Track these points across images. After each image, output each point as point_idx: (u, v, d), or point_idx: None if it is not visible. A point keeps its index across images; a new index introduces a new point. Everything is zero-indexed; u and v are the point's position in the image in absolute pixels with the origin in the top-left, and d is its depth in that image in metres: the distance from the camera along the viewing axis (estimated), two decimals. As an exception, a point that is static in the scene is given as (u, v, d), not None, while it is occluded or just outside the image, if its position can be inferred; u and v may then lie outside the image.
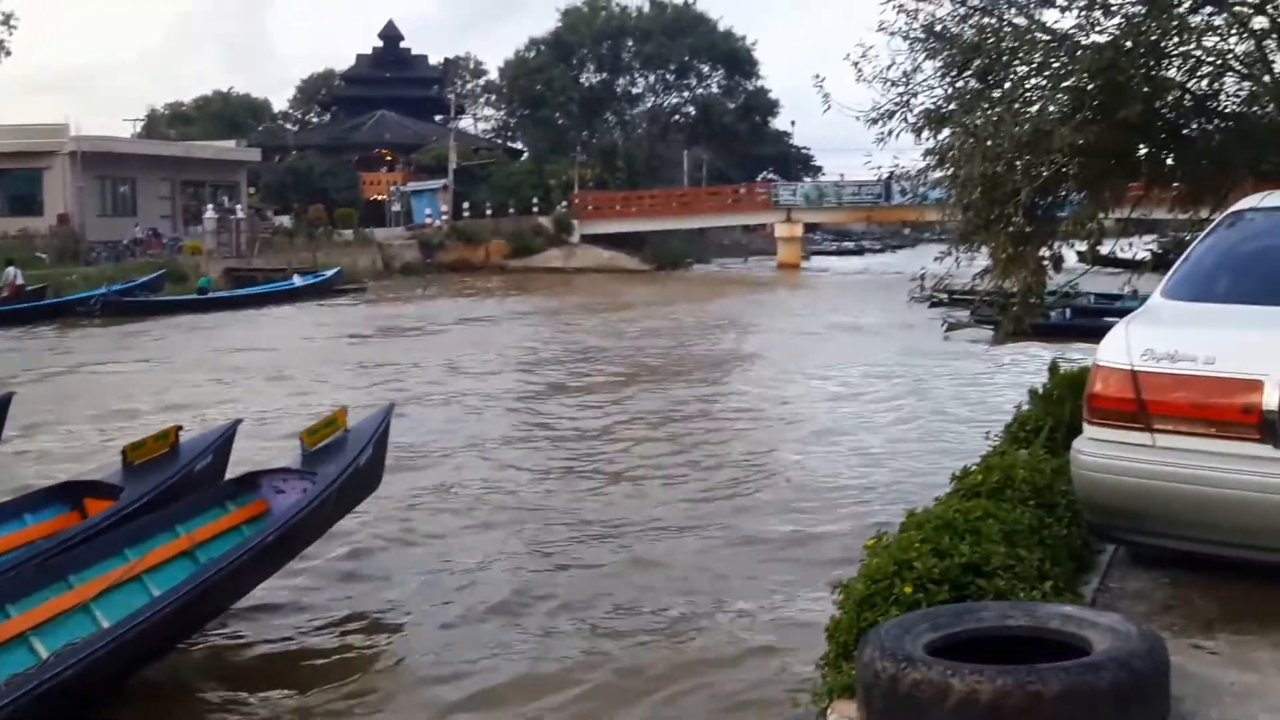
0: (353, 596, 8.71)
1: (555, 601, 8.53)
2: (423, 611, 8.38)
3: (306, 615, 8.27)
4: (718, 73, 76.84)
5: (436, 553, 9.75)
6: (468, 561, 9.46)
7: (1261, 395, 3.94)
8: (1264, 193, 6.47)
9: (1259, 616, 4.26)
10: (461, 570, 9.24)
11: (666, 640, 7.88)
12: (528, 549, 9.90)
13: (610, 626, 8.13)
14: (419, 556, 9.65)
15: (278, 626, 8.03)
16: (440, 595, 8.70)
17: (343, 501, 8.36)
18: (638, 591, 8.75)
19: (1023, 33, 8.95)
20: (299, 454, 8.54)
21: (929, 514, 4.60)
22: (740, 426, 15.98)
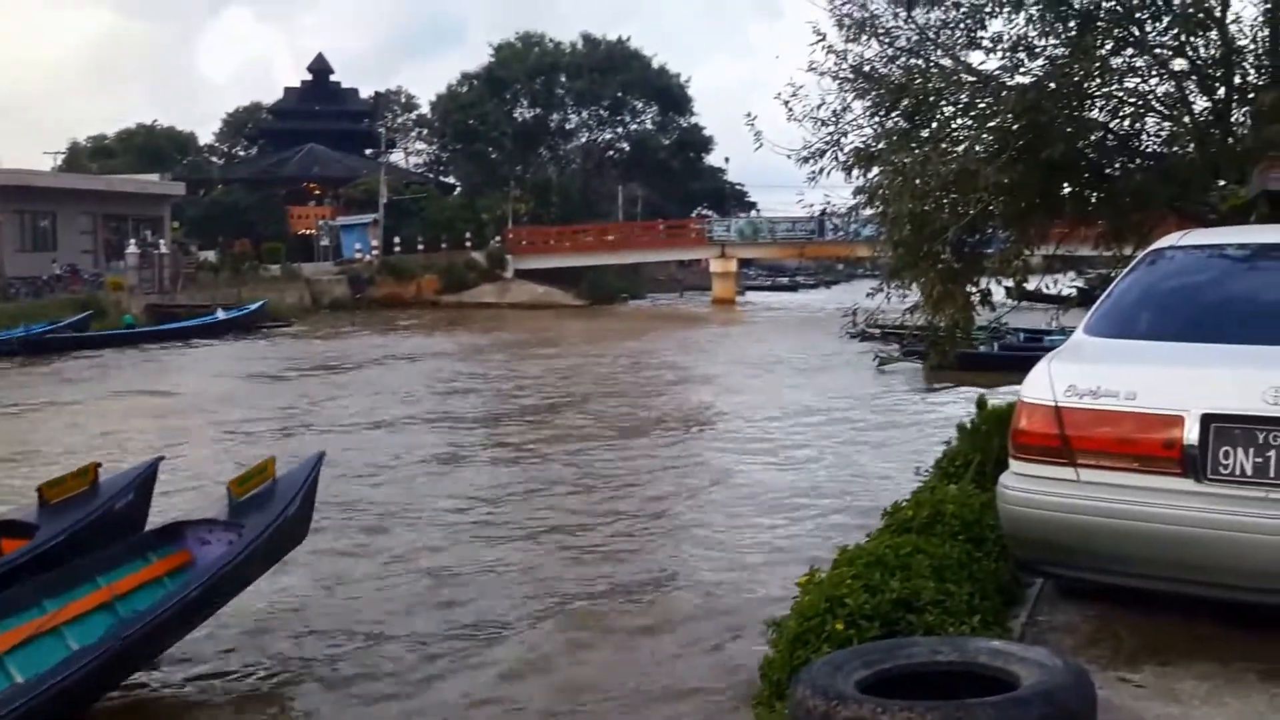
0: (266, 647, 8.53)
1: (470, 661, 8.40)
2: (331, 665, 8.27)
3: (220, 665, 8.09)
4: (651, 109, 77.48)
5: (350, 604, 9.59)
6: (383, 615, 9.30)
7: (1182, 430, 4.01)
8: (1184, 231, 6.64)
9: (1184, 648, 4.33)
10: (374, 623, 9.10)
11: (599, 675, 7.83)
12: (442, 600, 9.75)
13: (525, 683, 8.02)
14: (334, 607, 9.50)
15: (190, 677, 7.86)
16: (351, 648, 8.56)
17: (270, 553, 8.16)
18: (555, 645, 8.63)
19: (949, 74, 9.13)
20: (225, 503, 8.29)
21: (860, 550, 4.63)
22: (673, 464, 15.92)
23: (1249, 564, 3.91)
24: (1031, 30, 8.90)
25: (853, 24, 9.43)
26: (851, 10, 9.50)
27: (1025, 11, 8.73)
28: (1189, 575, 4.09)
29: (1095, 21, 8.67)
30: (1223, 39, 8.53)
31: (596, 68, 73.97)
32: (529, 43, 75.69)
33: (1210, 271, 5.20)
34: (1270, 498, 3.87)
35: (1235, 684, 4.04)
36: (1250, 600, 4.10)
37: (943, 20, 9.26)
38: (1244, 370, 4.14)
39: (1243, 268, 5.21)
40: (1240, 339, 4.45)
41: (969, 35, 9.26)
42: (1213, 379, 4.18)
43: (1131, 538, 4.09)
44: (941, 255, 9.28)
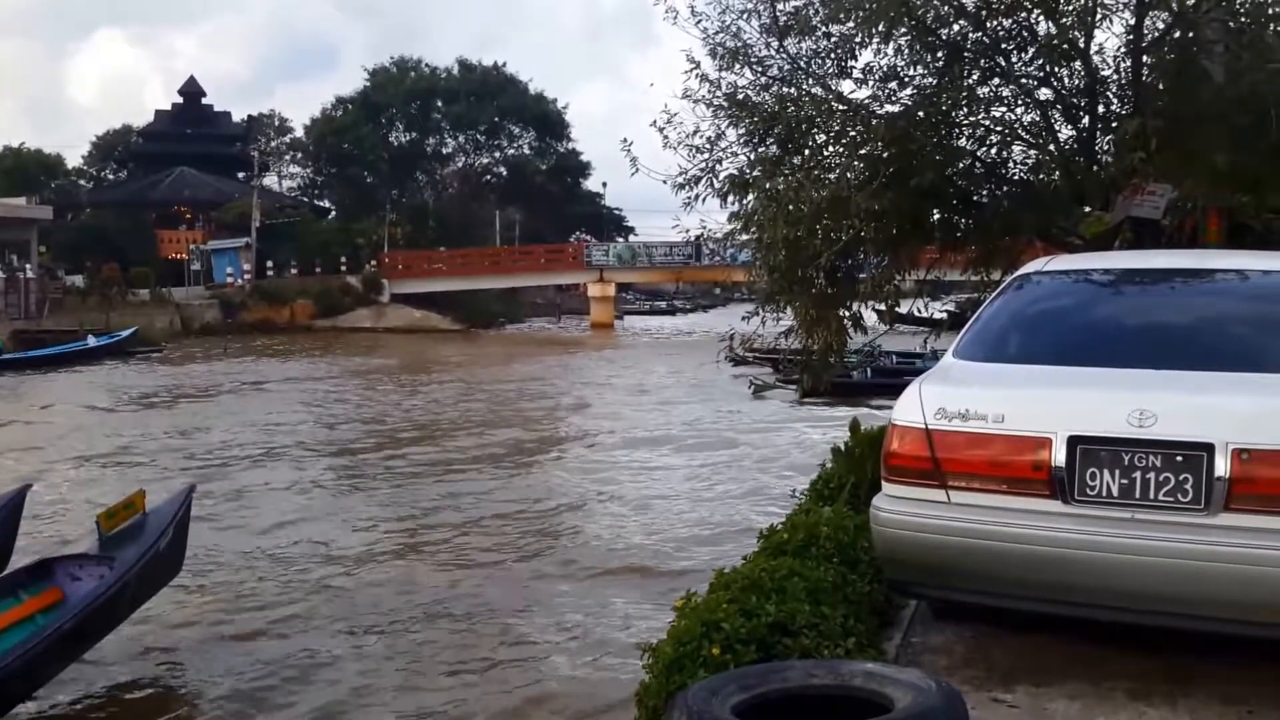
0: (137, 680, 8.22)
1: (330, 686, 8.21)
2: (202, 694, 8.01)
3: (87, 702, 7.77)
4: (529, 134, 77.52)
5: (219, 633, 9.29)
6: (256, 647, 9.01)
7: (1050, 452, 4.07)
8: (1049, 257, 6.82)
9: (1055, 668, 4.40)
10: (246, 653, 8.82)
11: (474, 707, 7.67)
12: (313, 627, 9.47)
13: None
14: (198, 637, 9.18)
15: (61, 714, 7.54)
16: (223, 679, 8.29)
17: (143, 587, 8.02)
18: (432, 678, 8.41)
19: (820, 102, 9.24)
20: (95, 538, 8.11)
21: (736, 573, 4.60)
22: (545, 492, 15.62)
23: (1116, 584, 3.98)
24: (900, 60, 9.09)
25: (726, 53, 9.50)
26: (725, 39, 9.58)
27: (894, 42, 8.89)
28: (1059, 595, 4.15)
29: (962, 52, 8.89)
30: (1086, 69, 8.80)
31: (473, 93, 73.77)
32: (404, 67, 75.12)
33: (1075, 296, 5.33)
34: (1136, 518, 3.95)
35: (1105, 702, 4.11)
36: (1119, 619, 4.18)
37: (814, 50, 9.39)
38: (1109, 393, 4.23)
39: (1107, 292, 5.35)
40: (1105, 362, 4.55)
41: (840, 65, 9.41)
42: (1079, 402, 4.26)
43: (1002, 559, 4.13)
44: (815, 280, 9.40)
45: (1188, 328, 4.87)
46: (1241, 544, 3.78)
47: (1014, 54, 9.05)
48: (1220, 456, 3.84)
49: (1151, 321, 5.00)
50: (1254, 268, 5.37)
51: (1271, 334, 4.67)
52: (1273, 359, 4.44)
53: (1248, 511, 3.81)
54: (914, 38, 8.86)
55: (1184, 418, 3.97)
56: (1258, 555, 3.75)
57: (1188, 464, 3.90)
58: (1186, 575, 3.85)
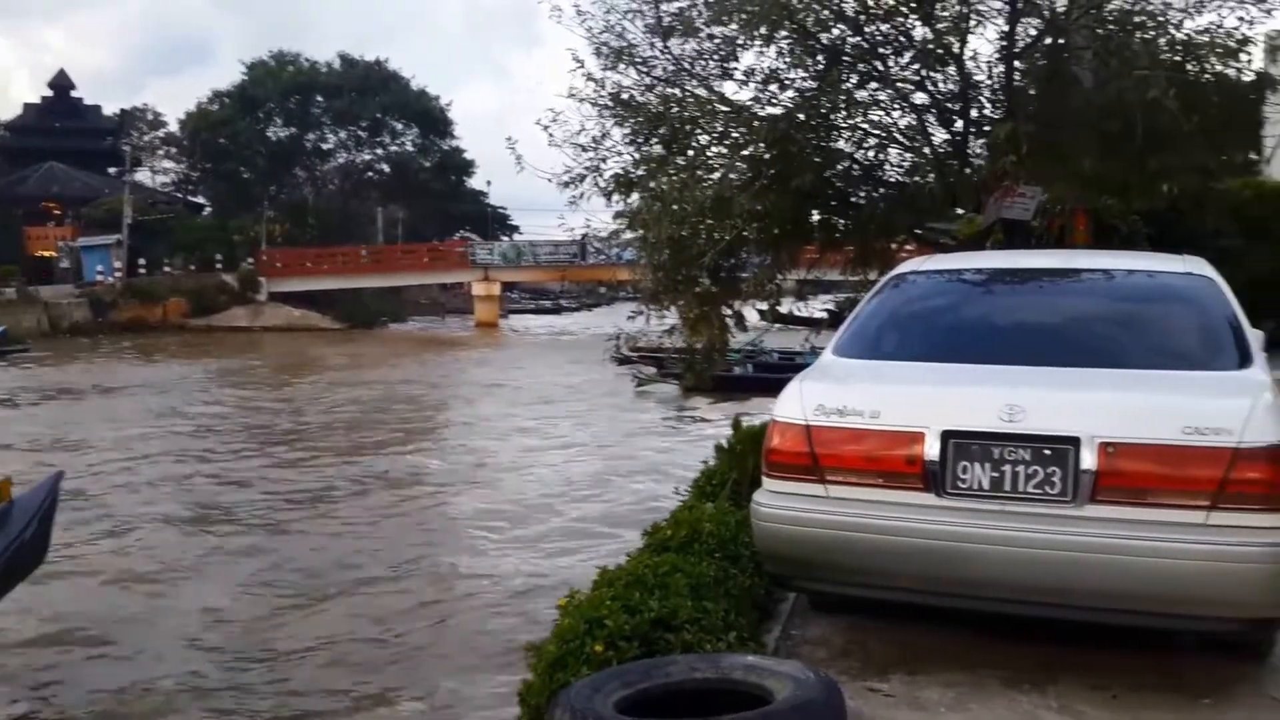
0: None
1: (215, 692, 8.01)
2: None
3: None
4: (412, 131, 76.47)
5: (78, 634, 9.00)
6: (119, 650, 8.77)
7: (923, 447, 4.16)
8: (924, 257, 6.97)
9: (930, 657, 4.50)
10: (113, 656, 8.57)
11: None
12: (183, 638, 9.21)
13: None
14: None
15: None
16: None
17: (7, 576, 7.81)
18: (296, 687, 8.25)
19: (704, 103, 9.31)
20: None
21: (620, 571, 4.59)
22: (429, 495, 15.45)
23: (987, 574, 4.08)
24: (781, 63, 9.18)
25: (610, 52, 9.51)
26: (609, 39, 9.59)
27: (776, 45, 8.99)
28: (933, 586, 4.24)
29: (841, 56, 9.03)
30: (961, 74, 9.03)
31: (355, 88, 72.55)
32: (283, 62, 73.43)
33: (948, 295, 5.46)
34: (1006, 510, 4.06)
35: (979, 690, 4.22)
36: (990, 609, 4.29)
37: (697, 51, 9.45)
38: (980, 389, 4.34)
39: (978, 291, 5.49)
40: (977, 359, 4.67)
41: (723, 67, 9.49)
42: (951, 397, 4.37)
43: (878, 551, 4.20)
44: (699, 279, 9.46)
45: (1055, 326, 5.02)
46: (1106, 535, 3.90)
47: (891, 58, 9.23)
48: (1086, 450, 3.96)
49: (1021, 320, 5.15)
50: (1118, 268, 5.58)
51: (1134, 331, 4.86)
52: (1135, 355, 4.62)
53: (1112, 503, 3.94)
54: (795, 41, 8.97)
55: (1051, 412, 4.08)
56: (1122, 545, 3.88)
57: (1055, 457, 4.01)
58: (1054, 566, 3.96)
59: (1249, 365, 4.43)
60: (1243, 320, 4.73)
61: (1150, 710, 4.04)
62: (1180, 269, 5.28)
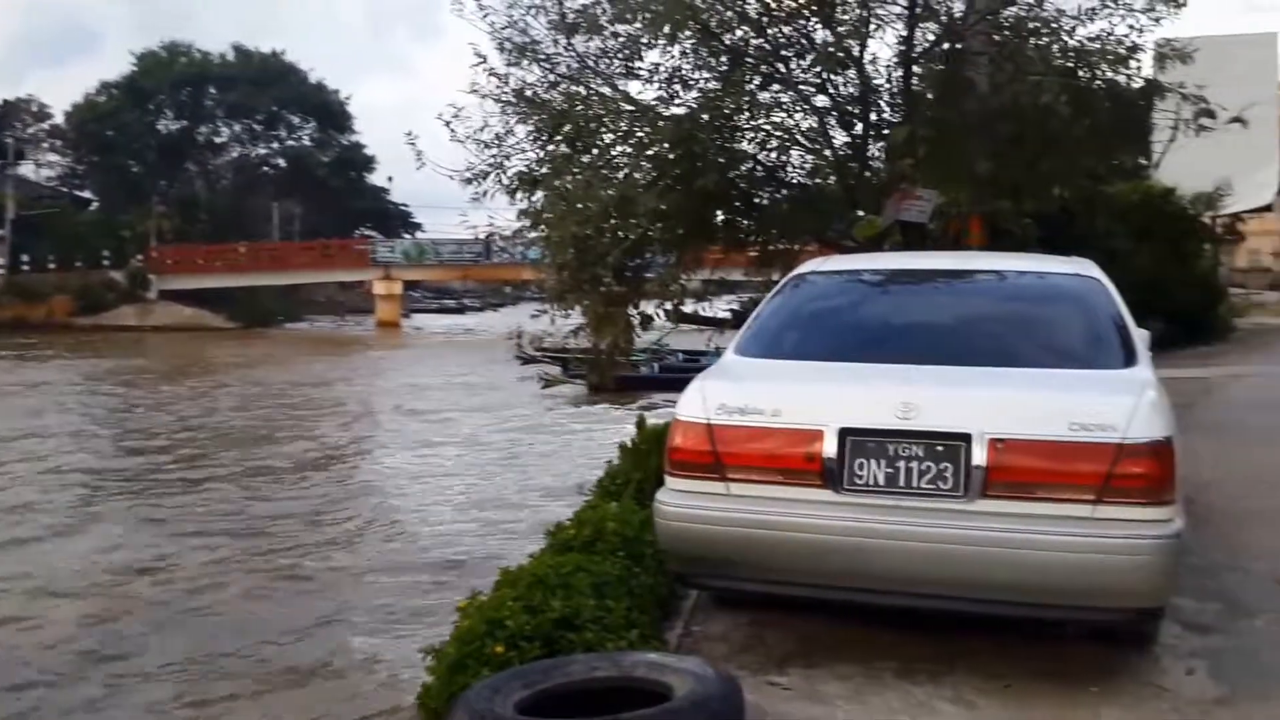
0: None
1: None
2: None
3: None
4: (309, 125, 75.13)
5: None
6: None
7: (822, 444, 4.22)
8: (824, 258, 7.08)
9: (828, 650, 4.56)
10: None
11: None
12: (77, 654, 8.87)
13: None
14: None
15: None
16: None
17: None
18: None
19: (609, 102, 9.32)
20: None
21: (522, 571, 4.57)
22: (326, 502, 14.99)
23: (883, 568, 4.16)
24: (686, 63, 9.27)
25: (514, 48, 9.50)
26: (512, 34, 9.56)
27: (680, 45, 9.06)
28: (832, 581, 4.30)
29: (745, 57, 9.13)
30: (861, 77, 9.19)
31: (250, 80, 70.87)
32: (175, 52, 71.56)
33: (847, 295, 5.57)
34: (901, 505, 4.14)
35: (874, 681, 4.30)
36: (887, 603, 4.36)
37: (602, 49, 9.48)
38: (876, 387, 4.43)
39: (876, 292, 5.61)
40: (874, 358, 4.77)
41: (627, 65, 9.53)
42: (849, 396, 4.44)
43: (778, 547, 4.26)
44: (604, 279, 9.46)
45: (949, 325, 5.15)
46: (997, 528, 4.01)
47: (793, 60, 9.36)
48: (977, 446, 4.06)
49: (916, 319, 5.26)
50: (1010, 269, 5.75)
51: (1024, 331, 5.01)
52: (1025, 354, 4.76)
53: (1003, 498, 4.05)
54: (699, 41, 9.05)
55: (944, 410, 4.18)
56: (1012, 539, 3.99)
57: (948, 453, 4.11)
58: (947, 559, 4.05)
59: (1134, 364, 4.59)
60: (1128, 320, 4.91)
61: (1040, 698, 4.16)
62: (1069, 270, 5.45)
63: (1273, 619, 5.14)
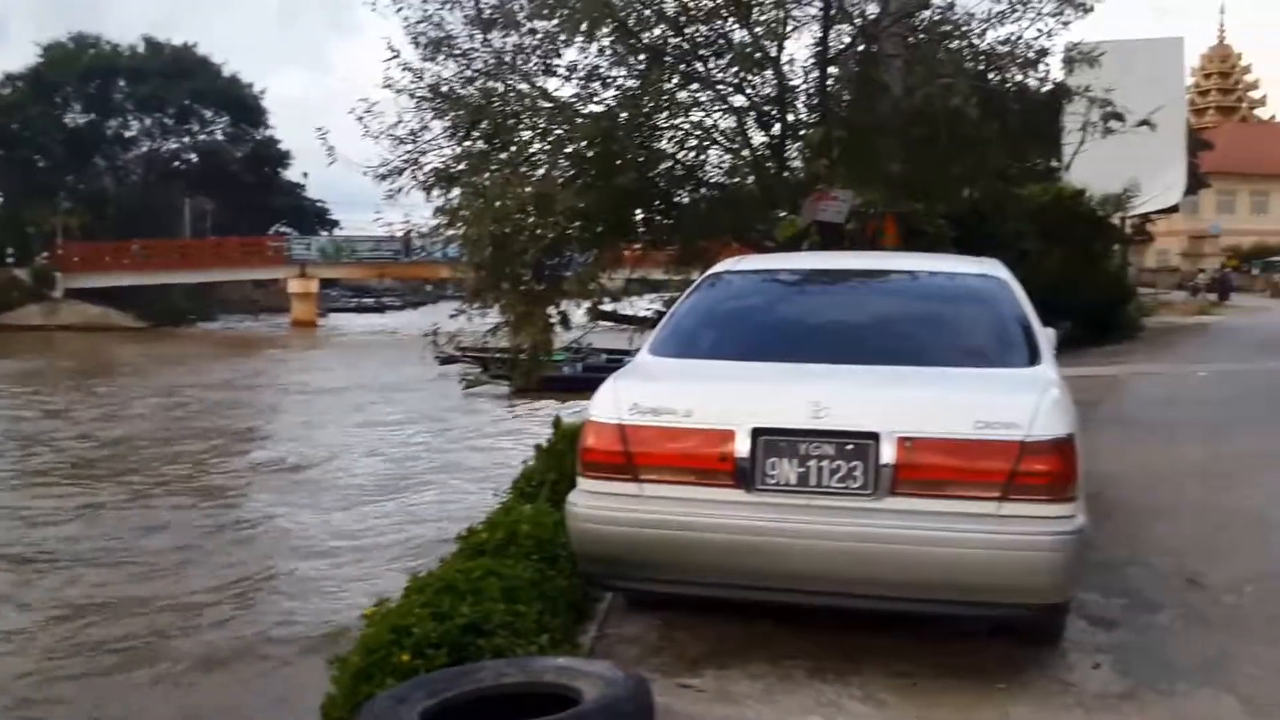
0: None
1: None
2: None
3: None
4: (222, 119, 73.60)
5: None
6: None
7: (734, 444, 4.21)
8: (739, 257, 7.08)
9: (741, 651, 4.56)
10: None
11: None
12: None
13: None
14: None
15: None
16: None
17: None
18: None
19: (526, 99, 9.26)
20: None
21: (431, 577, 4.49)
22: (236, 513, 14.61)
23: (795, 568, 4.16)
24: (604, 61, 9.25)
25: (429, 43, 9.37)
26: (427, 29, 9.44)
27: (597, 43, 9.03)
28: (745, 581, 4.29)
29: (663, 56, 9.13)
30: (778, 78, 9.23)
31: (161, 73, 69.16)
32: (83, 43, 69.64)
33: (761, 295, 5.57)
34: (812, 504, 4.14)
35: (785, 681, 4.31)
36: (800, 601, 4.36)
37: (519, 46, 9.40)
38: (789, 387, 4.43)
39: (790, 291, 5.62)
40: (786, 357, 4.76)
41: (545, 62, 9.48)
42: (761, 396, 4.44)
43: (691, 548, 4.23)
44: (523, 277, 9.39)
45: (861, 324, 5.18)
46: (905, 526, 4.03)
47: (711, 60, 9.38)
48: (886, 444, 4.08)
49: (828, 319, 5.28)
50: (920, 269, 5.80)
51: (933, 330, 5.06)
52: (934, 353, 4.80)
53: (911, 495, 4.07)
54: (617, 39, 9.03)
55: (854, 409, 4.19)
56: (920, 536, 4.01)
57: (857, 452, 4.12)
58: (857, 557, 4.07)
59: (1038, 362, 4.66)
60: (1033, 319, 4.98)
61: (948, 695, 4.20)
62: (976, 271, 5.52)
63: (1176, 614, 5.25)
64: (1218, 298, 47.89)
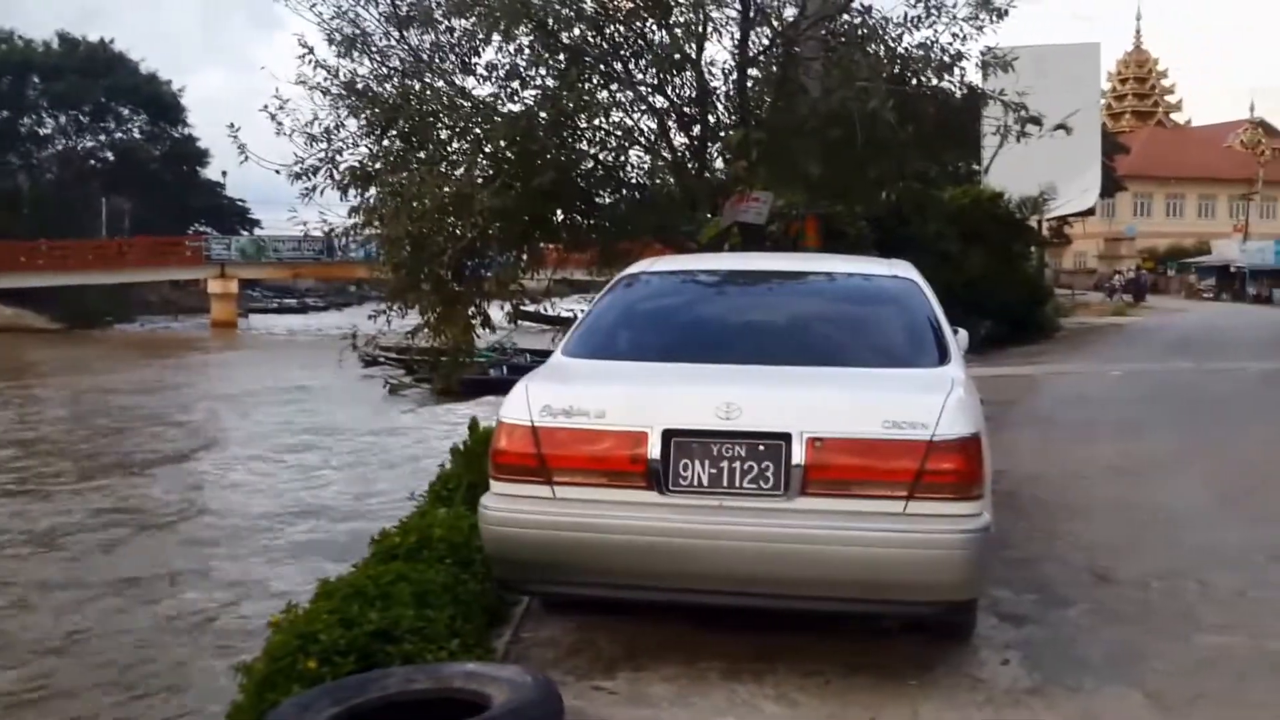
0: None
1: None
2: None
3: None
4: (140, 117, 72.02)
5: None
6: None
7: (646, 446, 4.19)
8: (656, 258, 7.08)
9: (655, 653, 4.55)
10: None
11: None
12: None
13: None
14: None
15: None
16: None
17: None
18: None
19: (444, 97, 9.15)
20: None
21: (341, 582, 4.42)
22: (146, 517, 14.21)
23: (708, 568, 4.15)
24: (523, 60, 9.15)
25: (344, 40, 9.22)
26: (342, 26, 9.29)
27: (516, 42, 8.95)
28: (658, 583, 4.27)
29: (583, 56, 9.07)
30: (698, 79, 9.23)
31: (76, 70, 67.46)
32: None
33: (676, 295, 5.56)
34: (724, 505, 4.14)
35: (700, 682, 4.31)
36: (714, 602, 4.36)
37: (436, 44, 9.30)
38: (700, 388, 4.42)
39: (705, 292, 5.62)
40: (699, 358, 4.77)
41: (464, 61, 9.38)
42: (673, 397, 4.42)
43: (604, 550, 4.20)
44: (445, 278, 9.29)
45: (774, 325, 5.20)
46: (816, 526, 4.05)
47: (632, 61, 9.35)
48: (797, 445, 4.09)
49: (742, 320, 5.30)
50: (833, 270, 5.84)
51: (845, 331, 5.11)
52: (845, 354, 4.84)
53: (821, 495, 4.09)
54: (536, 39, 8.95)
55: (765, 410, 4.20)
56: (830, 535, 4.03)
57: (769, 453, 4.12)
58: (769, 557, 4.07)
59: (947, 363, 4.71)
60: (943, 320, 5.03)
61: (860, 693, 4.23)
62: (888, 272, 5.58)
63: (1086, 609, 5.35)
64: (1133, 299, 49.14)
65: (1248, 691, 4.35)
